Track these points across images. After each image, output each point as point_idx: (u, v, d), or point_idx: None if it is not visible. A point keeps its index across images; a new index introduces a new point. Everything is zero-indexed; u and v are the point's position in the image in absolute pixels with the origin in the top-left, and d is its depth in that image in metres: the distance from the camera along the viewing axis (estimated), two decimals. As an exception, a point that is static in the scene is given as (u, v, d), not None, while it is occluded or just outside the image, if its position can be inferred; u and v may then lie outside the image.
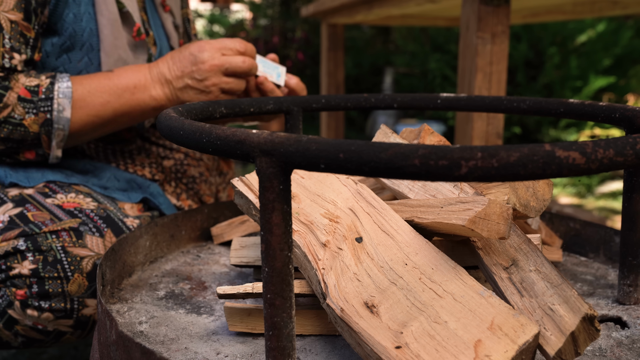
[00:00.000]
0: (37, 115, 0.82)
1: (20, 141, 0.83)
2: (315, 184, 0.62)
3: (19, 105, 0.81)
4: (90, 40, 0.90)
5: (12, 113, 0.80)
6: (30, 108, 0.81)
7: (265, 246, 0.41)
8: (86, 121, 0.85)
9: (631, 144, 0.37)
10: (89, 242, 0.80)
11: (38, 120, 0.82)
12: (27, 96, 0.81)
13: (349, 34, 4.54)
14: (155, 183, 1.00)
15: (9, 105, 0.80)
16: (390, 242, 0.53)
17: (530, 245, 0.53)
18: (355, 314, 0.46)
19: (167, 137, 0.50)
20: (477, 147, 0.35)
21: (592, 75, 3.16)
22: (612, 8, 1.72)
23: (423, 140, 0.67)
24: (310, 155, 0.37)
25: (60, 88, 0.83)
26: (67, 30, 0.88)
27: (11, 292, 0.78)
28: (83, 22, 0.89)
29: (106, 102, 0.86)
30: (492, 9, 1.14)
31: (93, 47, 0.91)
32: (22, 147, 0.84)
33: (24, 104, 0.81)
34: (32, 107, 0.81)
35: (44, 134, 0.83)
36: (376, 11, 1.80)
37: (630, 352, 0.52)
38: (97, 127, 0.87)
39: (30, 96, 0.81)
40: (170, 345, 0.53)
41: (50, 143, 0.84)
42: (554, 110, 0.71)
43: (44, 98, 0.82)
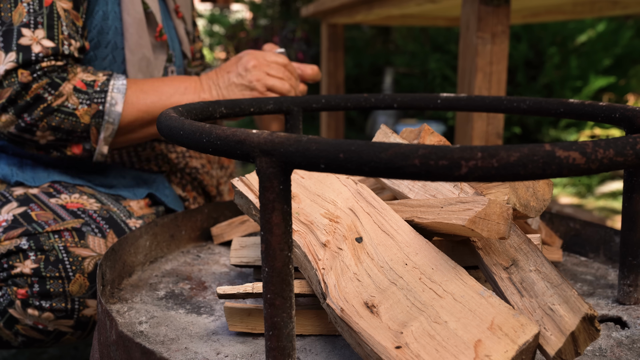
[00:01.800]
0: (89, 106, 0.82)
1: (69, 132, 0.82)
2: (315, 184, 0.62)
3: (73, 95, 0.81)
4: (115, 39, 0.91)
5: (66, 102, 0.81)
6: (84, 99, 0.82)
7: (265, 246, 0.41)
8: (136, 116, 0.85)
9: (631, 144, 0.37)
10: (91, 242, 0.81)
11: (90, 111, 0.82)
12: (82, 88, 0.82)
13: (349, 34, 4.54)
14: (161, 175, 1.01)
15: (64, 94, 0.81)
16: (390, 242, 0.53)
17: (530, 245, 0.53)
18: (355, 314, 0.46)
19: (167, 137, 0.50)
20: (477, 147, 0.35)
21: (592, 75, 3.16)
22: (612, 8, 1.72)
23: (423, 140, 0.67)
24: (310, 155, 0.37)
25: (116, 84, 0.84)
26: (95, 27, 0.90)
27: (12, 291, 0.78)
28: (109, 21, 0.91)
29: (157, 100, 0.86)
30: (492, 9, 1.13)
31: (117, 46, 0.92)
32: (71, 140, 0.84)
33: (79, 95, 0.82)
34: (86, 98, 0.82)
35: (94, 125, 0.83)
36: (376, 11, 1.80)
37: (630, 352, 0.52)
38: (145, 124, 0.87)
39: (86, 88, 0.82)
40: (170, 345, 0.53)
41: (98, 136, 0.84)
42: (554, 110, 0.71)
43: (98, 90, 0.83)
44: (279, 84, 0.90)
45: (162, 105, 0.87)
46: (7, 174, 0.88)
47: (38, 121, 0.80)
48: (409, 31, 4.23)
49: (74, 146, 0.85)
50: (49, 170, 0.90)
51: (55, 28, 0.82)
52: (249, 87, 0.88)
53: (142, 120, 0.86)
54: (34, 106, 0.80)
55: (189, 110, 0.68)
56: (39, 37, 0.80)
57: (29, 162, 0.91)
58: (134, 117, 0.85)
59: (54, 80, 0.80)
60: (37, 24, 0.81)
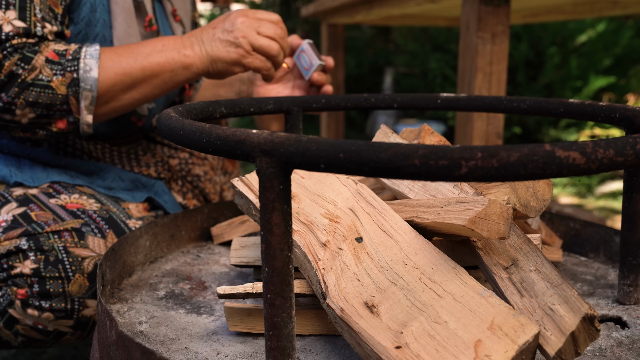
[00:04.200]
0: (64, 76, 0.80)
1: (49, 105, 0.80)
2: (315, 184, 0.62)
3: (46, 66, 0.79)
4: (103, 32, 0.91)
5: (40, 75, 0.79)
6: (57, 69, 0.80)
7: (265, 246, 0.41)
8: (114, 80, 0.82)
9: (631, 144, 0.37)
10: (90, 242, 0.81)
11: (65, 81, 0.80)
12: (54, 58, 0.80)
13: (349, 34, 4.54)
14: (160, 181, 1.00)
15: (37, 67, 0.79)
16: (390, 242, 0.53)
17: (530, 245, 0.53)
18: (355, 314, 0.46)
19: (167, 137, 0.50)
20: (477, 147, 0.35)
21: (592, 75, 3.16)
22: (612, 8, 1.72)
23: (423, 140, 0.67)
24: (310, 155, 0.37)
25: (88, 51, 0.82)
26: (83, 19, 0.89)
27: (12, 291, 0.78)
28: (97, 13, 0.90)
29: (134, 61, 0.83)
30: (492, 9, 1.13)
31: (106, 38, 0.91)
32: (53, 115, 0.81)
33: (52, 66, 0.80)
34: (59, 68, 0.80)
35: (72, 95, 0.80)
36: (376, 11, 1.80)
37: (630, 352, 0.52)
38: (127, 88, 0.84)
39: (58, 58, 0.80)
40: (170, 345, 0.53)
41: (78, 106, 0.81)
42: (554, 110, 0.71)
43: (70, 59, 0.80)
44: (266, 43, 0.85)
45: (141, 66, 0.83)
46: (6, 175, 0.88)
47: (15, 98, 0.78)
48: (409, 31, 4.24)
49: (57, 121, 0.82)
50: (48, 171, 0.90)
51: (28, 10, 0.81)
52: (234, 44, 0.84)
53: (122, 84, 0.83)
54: (9, 84, 0.78)
55: (189, 110, 0.68)
56: (10, 17, 0.79)
57: (27, 162, 0.91)
58: (113, 81, 0.82)
59: (25, 55, 0.79)
60: (9, 4, 0.79)
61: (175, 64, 0.84)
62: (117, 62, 0.82)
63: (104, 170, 0.96)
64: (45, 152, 0.92)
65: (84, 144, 0.97)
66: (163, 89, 0.86)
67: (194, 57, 0.85)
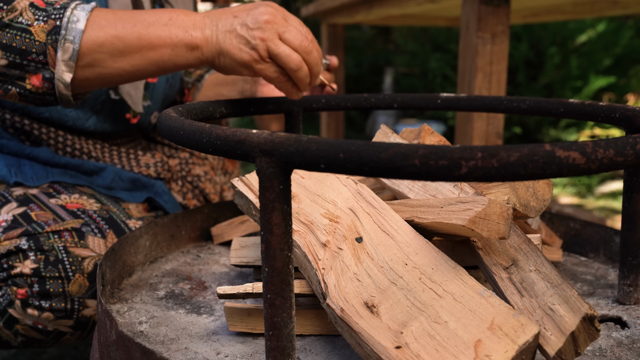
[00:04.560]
0: (46, 22, 0.72)
1: (23, 52, 0.72)
2: (315, 184, 0.62)
3: (29, 10, 0.72)
4: None
5: (20, 17, 0.71)
6: (41, 15, 0.72)
7: (265, 246, 0.41)
8: (103, 40, 0.73)
9: (631, 144, 0.37)
10: (90, 242, 0.81)
11: (46, 27, 0.72)
12: (41, 5, 0.73)
13: (349, 34, 4.54)
14: (160, 181, 1.00)
15: (18, 9, 0.72)
16: (390, 242, 0.53)
17: (531, 245, 0.53)
18: (355, 314, 0.46)
19: (167, 137, 0.50)
20: (477, 147, 0.35)
21: (592, 75, 3.16)
22: (612, 8, 1.72)
23: (423, 140, 0.67)
24: (310, 155, 0.37)
25: (81, 4, 0.74)
26: None
27: (12, 291, 0.78)
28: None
29: (131, 27, 0.73)
30: (492, 9, 1.13)
31: None
32: (27, 66, 0.73)
33: (35, 11, 0.72)
34: (43, 15, 0.73)
35: (50, 44, 0.72)
36: (376, 11, 1.80)
37: (630, 352, 0.52)
38: (117, 55, 0.74)
39: (45, 5, 0.73)
40: (170, 345, 0.53)
41: (56, 56, 0.72)
42: (554, 110, 0.71)
43: (58, 8, 0.73)
44: (286, 53, 0.72)
45: (138, 34, 0.73)
46: (6, 175, 0.88)
47: None
48: (409, 31, 4.24)
49: (32, 76, 0.73)
50: (48, 170, 0.90)
51: None
52: (250, 45, 0.73)
53: (112, 47, 0.73)
54: None
55: (189, 110, 0.68)
56: None
57: (27, 162, 0.91)
58: (102, 40, 0.73)
59: None
60: None
61: (179, 42, 0.74)
62: (112, 23, 0.74)
63: (104, 170, 0.96)
64: (45, 152, 0.92)
65: (83, 144, 0.97)
66: (159, 67, 0.76)
67: (202, 41, 0.74)
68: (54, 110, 0.93)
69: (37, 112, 0.92)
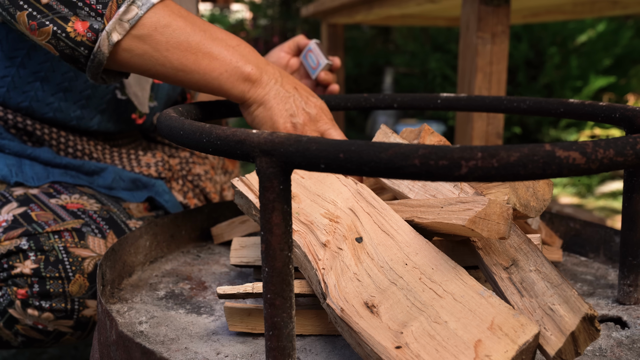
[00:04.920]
0: None
1: None
2: (315, 184, 0.62)
3: None
4: None
5: None
6: None
7: (266, 246, 0.41)
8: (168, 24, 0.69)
9: (631, 144, 0.37)
10: (90, 243, 0.81)
11: None
12: None
13: (349, 34, 4.54)
14: (161, 180, 1.00)
15: None
16: (390, 242, 0.53)
17: (531, 245, 0.53)
18: (355, 314, 0.46)
19: (167, 137, 0.50)
20: (477, 147, 0.35)
21: (592, 75, 3.16)
22: (612, 8, 1.72)
23: (423, 140, 0.67)
24: (310, 155, 0.37)
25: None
26: None
27: (12, 291, 0.78)
28: None
29: (200, 29, 0.71)
30: (492, 9, 1.14)
31: None
32: (79, 9, 0.68)
33: None
34: None
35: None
36: (376, 11, 1.80)
37: (630, 352, 0.52)
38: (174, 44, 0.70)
39: None
40: (170, 345, 0.53)
41: (117, 10, 0.67)
42: (554, 110, 0.71)
43: None
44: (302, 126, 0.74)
45: (202, 38, 0.70)
46: (7, 175, 0.88)
47: None
48: (409, 31, 4.24)
49: (78, 21, 0.67)
50: (48, 170, 0.90)
51: None
52: (293, 118, 0.73)
53: (172, 34, 0.69)
54: None
55: (189, 110, 0.68)
56: None
57: (27, 162, 0.91)
58: (166, 22, 0.69)
59: None
60: None
61: (236, 68, 0.71)
62: (183, 16, 0.70)
63: (104, 171, 0.96)
64: (46, 152, 0.92)
65: (85, 144, 0.97)
66: (200, 79, 0.71)
67: (257, 80, 0.72)
68: (58, 110, 0.93)
69: (41, 112, 0.92)
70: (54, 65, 0.91)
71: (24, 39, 0.89)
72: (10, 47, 0.90)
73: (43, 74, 0.91)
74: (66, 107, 0.93)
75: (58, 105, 0.93)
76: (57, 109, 0.93)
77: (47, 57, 0.90)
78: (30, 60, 0.90)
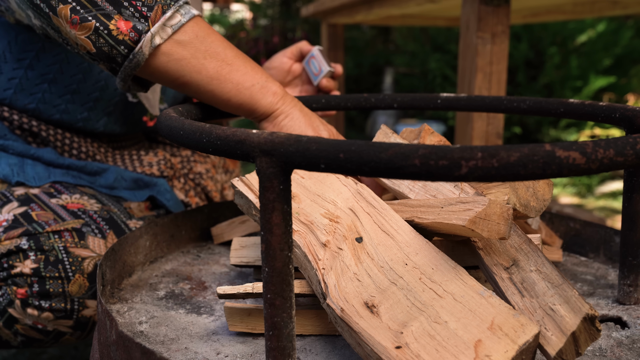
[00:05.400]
0: None
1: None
2: (315, 184, 0.62)
3: None
4: None
5: None
6: None
7: (266, 246, 0.41)
8: (207, 34, 0.72)
9: (631, 144, 0.37)
10: (90, 243, 0.81)
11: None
12: None
13: (349, 34, 4.54)
14: (163, 179, 1.01)
15: None
16: (390, 242, 0.53)
17: (531, 246, 0.53)
18: (356, 314, 0.46)
19: (167, 137, 0.50)
20: (477, 147, 0.35)
21: (592, 75, 3.16)
22: (612, 8, 1.72)
23: (423, 140, 0.67)
24: (310, 155, 0.37)
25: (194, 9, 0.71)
26: None
27: (12, 291, 0.78)
28: None
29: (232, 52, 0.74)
30: (492, 9, 1.14)
31: None
32: (124, 8, 0.69)
33: None
34: None
35: (162, 4, 0.70)
36: (376, 11, 1.80)
37: (630, 352, 0.52)
38: (212, 53, 0.72)
39: None
40: (170, 345, 0.53)
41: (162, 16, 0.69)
42: (554, 110, 0.71)
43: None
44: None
45: (237, 52, 0.74)
46: (8, 174, 0.88)
47: None
48: (409, 31, 4.24)
49: (121, 20, 0.68)
50: (50, 170, 0.90)
51: None
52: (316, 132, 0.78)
53: (211, 45, 0.72)
54: None
55: (189, 110, 0.68)
56: None
57: (29, 162, 0.91)
58: (206, 33, 0.72)
59: None
60: None
61: (269, 85, 0.75)
62: (220, 37, 0.74)
63: (106, 171, 0.96)
64: (49, 152, 0.92)
65: (89, 146, 0.98)
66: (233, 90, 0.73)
67: (283, 94, 0.76)
68: (65, 112, 0.93)
69: (48, 114, 0.93)
70: (62, 67, 0.91)
71: (34, 41, 0.90)
72: (19, 49, 0.90)
73: (51, 76, 0.91)
74: (73, 109, 0.94)
75: (65, 107, 0.93)
76: (64, 110, 0.93)
77: (56, 59, 0.90)
78: (39, 62, 0.90)
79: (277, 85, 0.76)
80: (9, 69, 0.90)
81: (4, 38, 0.90)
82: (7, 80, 0.91)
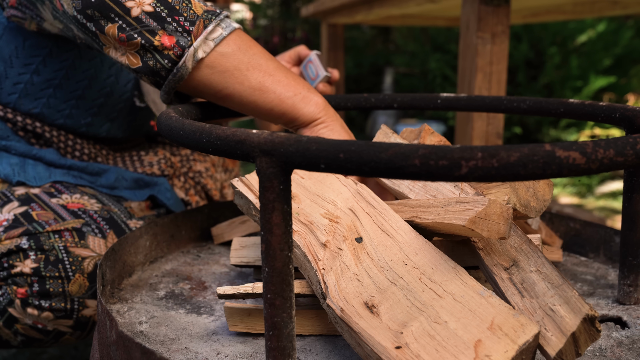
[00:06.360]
0: (206, 5, 0.72)
1: (173, 10, 0.70)
2: (315, 184, 0.62)
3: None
4: None
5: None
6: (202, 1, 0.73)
7: (266, 246, 0.41)
8: (249, 47, 0.73)
9: (631, 144, 0.37)
10: (91, 242, 0.81)
11: (205, 7, 0.72)
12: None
13: (349, 34, 4.54)
14: (163, 178, 1.01)
15: None
16: (390, 242, 0.53)
17: (531, 246, 0.53)
18: (355, 314, 0.46)
19: (168, 137, 0.50)
20: (477, 147, 0.35)
21: (592, 75, 3.16)
22: (612, 8, 1.72)
23: (423, 140, 0.67)
24: (310, 155, 0.37)
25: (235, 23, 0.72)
26: None
27: (12, 290, 0.78)
28: None
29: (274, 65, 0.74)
30: (492, 9, 1.13)
31: None
32: (167, 24, 0.69)
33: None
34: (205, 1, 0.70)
35: (203, 19, 0.70)
36: (376, 11, 1.80)
37: (630, 352, 0.52)
38: (254, 64, 0.73)
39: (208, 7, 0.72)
40: (170, 345, 0.53)
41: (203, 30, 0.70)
42: (554, 110, 0.71)
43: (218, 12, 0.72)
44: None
45: (278, 64, 0.75)
46: (9, 174, 0.88)
47: None
48: (409, 31, 4.24)
49: (165, 35, 0.69)
50: (50, 170, 0.90)
51: None
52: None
53: (253, 57, 0.72)
54: None
55: (189, 110, 0.68)
56: None
57: (30, 162, 0.91)
58: (248, 45, 0.73)
59: None
60: None
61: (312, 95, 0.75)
62: (261, 49, 0.74)
63: (106, 171, 0.96)
64: (51, 153, 0.92)
65: (91, 148, 0.98)
66: (275, 99, 0.74)
67: (324, 105, 0.76)
68: (69, 117, 0.94)
69: (52, 118, 0.93)
70: (69, 72, 0.91)
71: (42, 46, 0.90)
72: (26, 54, 0.90)
73: (57, 82, 0.91)
74: (77, 114, 0.94)
75: (69, 112, 0.93)
76: (68, 115, 0.94)
77: (63, 64, 0.90)
78: (45, 68, 0.91)
79: (319, 97, 0.76)
80: (15, 73, 0.91)
81: (11, 43, 0.90)
82: (12, 85, 0.91)
